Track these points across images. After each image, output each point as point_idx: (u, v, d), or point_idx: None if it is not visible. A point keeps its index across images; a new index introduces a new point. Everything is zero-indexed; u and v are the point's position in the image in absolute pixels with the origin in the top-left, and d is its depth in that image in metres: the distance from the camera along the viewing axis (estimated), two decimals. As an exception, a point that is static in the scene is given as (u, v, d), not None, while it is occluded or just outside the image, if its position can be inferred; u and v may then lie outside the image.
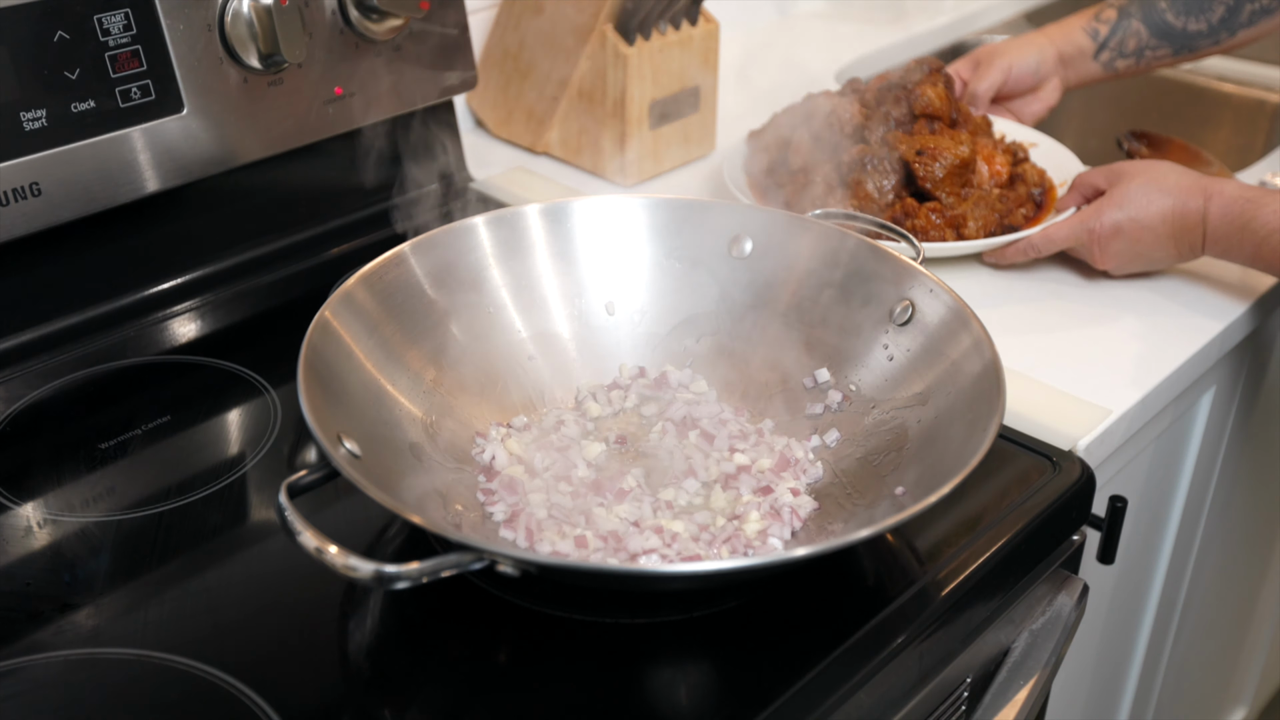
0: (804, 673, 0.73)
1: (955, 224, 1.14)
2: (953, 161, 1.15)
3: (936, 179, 1.16)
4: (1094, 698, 1.39)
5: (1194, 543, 1.41)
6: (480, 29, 1.38)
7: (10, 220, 0.95)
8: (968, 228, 1.14)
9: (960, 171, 1.16)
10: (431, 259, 0.93)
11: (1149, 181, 1.09)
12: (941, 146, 1.16)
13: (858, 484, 0.85)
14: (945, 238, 1.14)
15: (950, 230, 1.14)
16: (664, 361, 0.98)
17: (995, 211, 1.15)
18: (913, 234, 1.07)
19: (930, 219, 1.14)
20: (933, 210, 1.15)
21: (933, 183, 1.16)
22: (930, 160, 1.16)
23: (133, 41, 0.98)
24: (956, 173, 1.16)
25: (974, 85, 1.37)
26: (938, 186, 1.16)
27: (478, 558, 0.67)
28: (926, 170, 1.16)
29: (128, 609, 0.78)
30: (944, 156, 1.15)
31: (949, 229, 1.14)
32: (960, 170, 1.16)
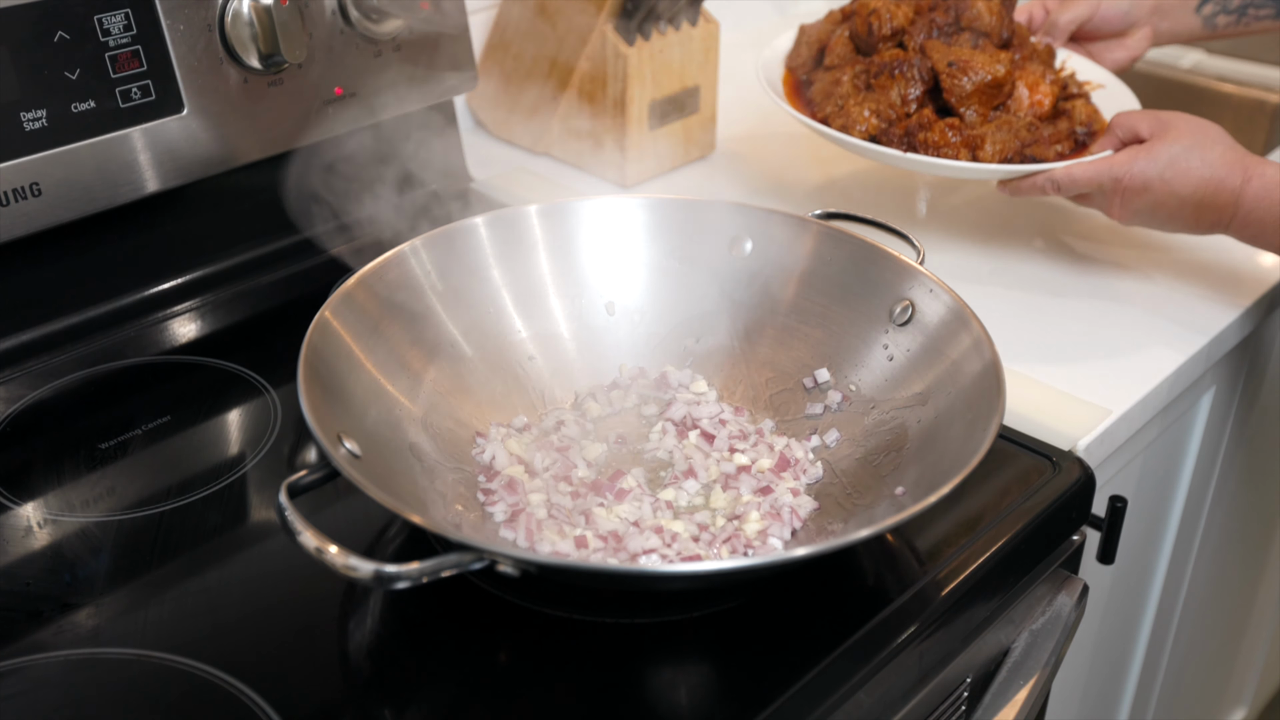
0: (804, 673, 0.73)
1: (972, 144, 1.08)
2: (984, 79, 1.08)
3: (963, 93, 1.09)
4: (1094, 698, 1.39)
5: (1194, 543, 1.41)
6: (480, 29, 1.38)
7: (10, 220, 0.95)
8: (984, 150, 1.07)
9: (991, 91, 1.09)
10: (431, 259, 0.93)
11: (1193, 145, 1.02)
12: (975, 61, 1.09)
13: (858, 484, 0.85)
14: (959, 157, 1.08)
15: (965, 150, 1.08)
16: (664, 361, 0.98)
17: (1019, 139, 1.07)
18: (924, 148, 1.07)
19: (946, 135, 1.08)
20: (951, 126, 1.08)
21: (958, 97, 1.09)
22: (960, 73, 1.08)
23: (133, 42, 0.98)
24: (986, 92, 1.09)
25: (1056, 14, 1.26)
26: (962, 102, 1.10)
27: (478, 558, 0.67)
28: (953, 83, 1.09)
29: (128, 609, 0.78)
30: (975, 72, 1.08)
31: (964, 148, 1.08)
32: (991, 90, 1.09)
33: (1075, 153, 1.11)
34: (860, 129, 1.09)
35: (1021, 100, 1.11)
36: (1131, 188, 1.04)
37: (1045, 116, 1.12)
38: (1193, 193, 1.03)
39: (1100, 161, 1.05)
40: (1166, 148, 1.03)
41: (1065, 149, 1.11)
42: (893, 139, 1.09)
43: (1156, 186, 1.03)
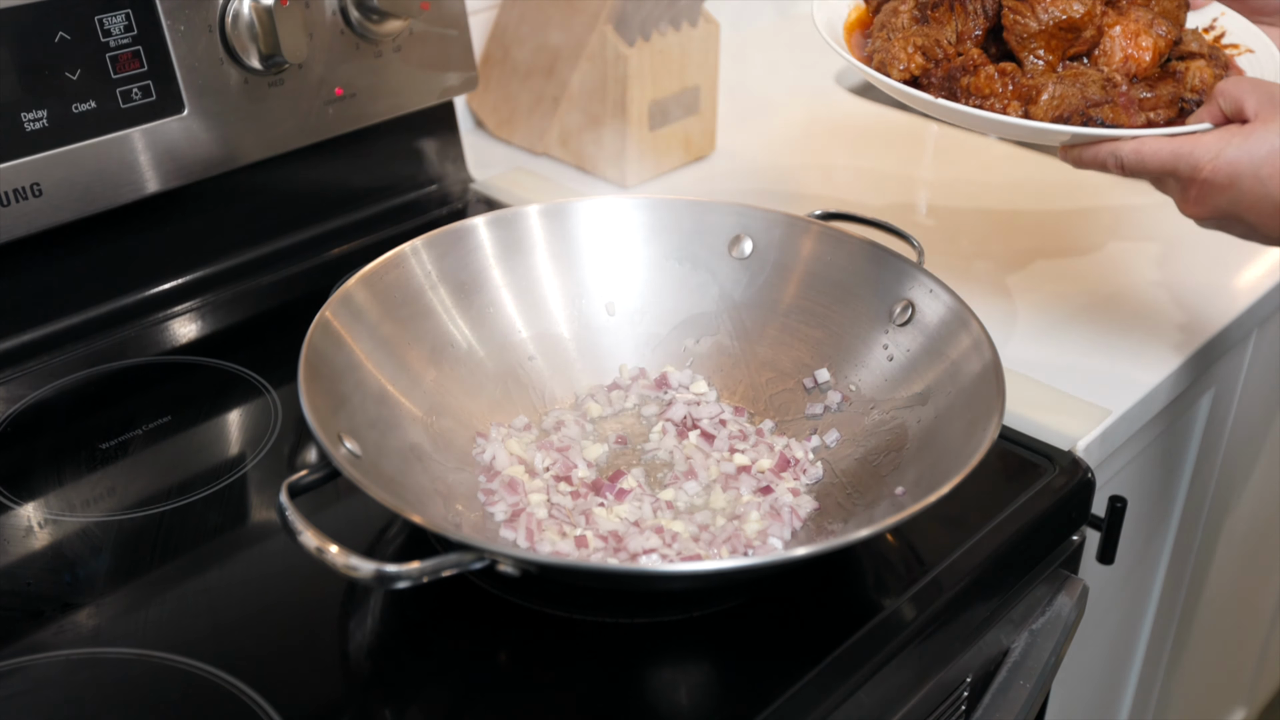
0: (804, 673, 0.73)
1: (1026, 96, 0.90)
2: (1056, 18, 0.90)
3: (1026, 33, 0.91)
4: (1094, 698, 1.39)
5: (1194, 543, 1.41)
6: (480, 29, 1.38)
7: (11, 220, 0.95)
8: (1038, 104, 0.89)
9: (1065, 35, 0.91)
10: (432, 259, 0.93)
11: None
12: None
13: (858, 484, 0.85)
14: (1008, 110, 0.90)
15: (1017, 102, 0.90)
16: (664, 362, 0.98)
17: (1085, 96, 0.89)
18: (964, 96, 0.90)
19: (993, 81, 0.90)
20: (1003, 72, 0.90)
21: (1018, 38, 0.91)
22: (1027, 10, 0.90)
23: (134, 42, 0.98)
24: (1058, 35, 0.91)
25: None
26: (1023, 45, 0.91)
27: (478, 557, 0.67)
28: (1016, 20, 0.91)
29: (128, 609, 0.78)
30: (1048, 10, 0.90)
31: (1015, 100, 0.90)
32: (1065, 33, 0.91)
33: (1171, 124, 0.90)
34: (900, 68, 0.92)
35: (1112, 53, 0.92)
36: (1214, 180, 0.82)
37: (1146, 75, 0.92)
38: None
39: (1181, 139, 0.84)
40: (1273, 135, 0.81)
41: (1161, 118, 0.91)
42: (933, 83, 0.92)
43: (1247, 183, 0.81)
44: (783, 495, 0.84)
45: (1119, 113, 0.89)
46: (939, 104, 0.89)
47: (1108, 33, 0.92)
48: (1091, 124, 0.88)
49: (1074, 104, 0.88)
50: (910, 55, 0.92)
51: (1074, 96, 0.88)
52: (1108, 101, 0.89)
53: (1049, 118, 0.88)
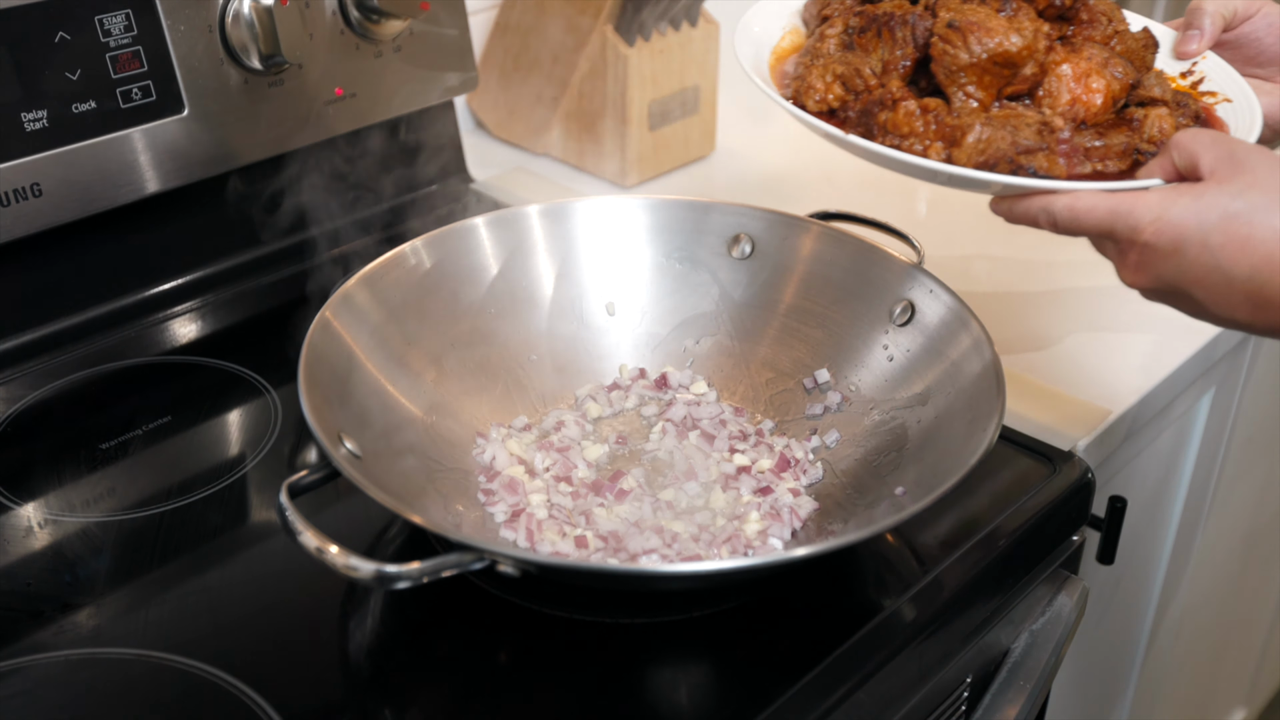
0: (804, 673, 0.73)
1: (949, 136, 0.78)
2: (991, 50, 0.78)
3: (955, 66, 0.79)
4: (1094, 698, 1.39)
5: (1194, 543, 1.41)
6: (480, 29, 1.38)
7: (11, 220, 0.95)
8: (962, 147, 0.77)
9: (1001, 71, 0.80)
10: (432, 259, 0.93)
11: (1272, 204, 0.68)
12: (987, 26, 0.79)
13: (858, 484, 0.85)
14: (929, 152, 0.78)
15: (940, 144, 0.79)
16: (664, 362, 0.98)
17: (1015, 142, 0.77)
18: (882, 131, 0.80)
19: (912, 119, 0.79)
20: (926, 109, 0.79)
21: (946, 71, 0.80)
22: (958, 40, 0.79)
23: (134, 42, 0.98)
24: (992, 71, 0.79)
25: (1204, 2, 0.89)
26: (951, 79, 0.80)
27: (478, 558, 0.67)
28: (945, 50, 0.79)
29: (128, 609, 0.78)
30: (981, 40, 0.78)
31: (938, 140, 0.79)
32: (1001, 69, 0.80)
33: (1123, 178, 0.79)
34: (816, 99, 0.82)
35: (1058, 94, 0.81)
36: (1156, 244, 0.71)
37: (1096, 121, 0.82)
38: (1249, 275, 0.68)
39: (1121, 196, 0.72)
40: (1225, 198, 0.69)
41: (1111, 169, 0.79)
42: (850, 117, 0.82)
43: (1193, 251, 0.69)
44: (783, 495, 0.84)
45: (1054, 162, 0.77)
46: (850, 140, 0.80)
47: (1054, 71, 0.81)
48: (1021, 173, 0.76)
49: (1002, 149, 0.77)
50: (828, 85, 0.83)
51: (1003, 141, 0.77)
52: (1042, 149, 0.77)
53: (972, 163, 0.77)
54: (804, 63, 0.86)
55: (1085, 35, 0.85)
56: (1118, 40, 0.85)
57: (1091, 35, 0.85)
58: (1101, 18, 0.86)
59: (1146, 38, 0.87)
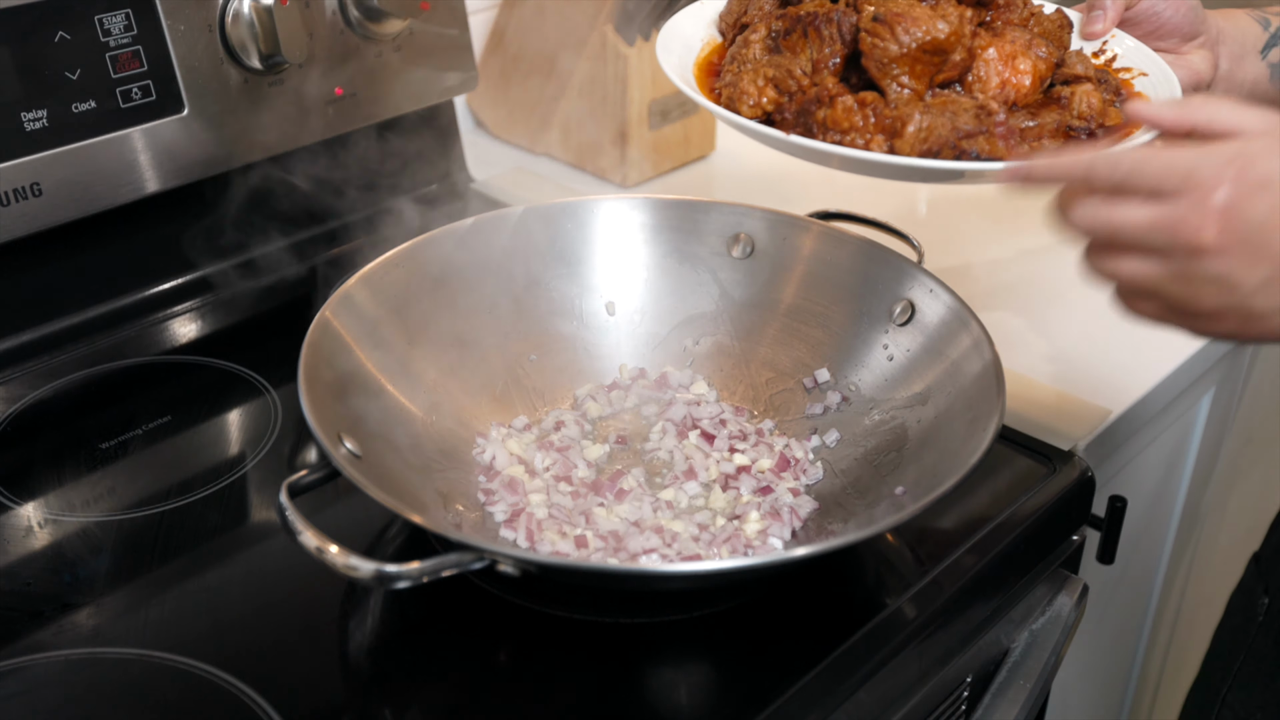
0: (804, 672, 0.73)
1: (889, 128, 0.78)
2: (919, 39, 0.78)
3: (886, 59, 0.79)
4: (1094, 698, 1.39)
5: (1194, 543, 1.41)
6: (480, 29, 1.38)
7: (10, 220, 0.95)
8: (904, 137, 0.77)
9: (931, 59, 0.80)
10: (431, 259, 0.93)
11: None
12: (912, 16, 0.79)
13: (858, 484, 0.85)
14: (870, 145, 0.78)
15: (880, 136, 0.79)
16: (664, 362, 0.98)
17: (956, 127, 0.77)
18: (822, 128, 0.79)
19: (851, 114, 0.78)
20: (863, 103, 0.79)
21: (878, 64, 0.79)
22: (885, 32, 0.79)
23: (133, 42, 0.98)
24: (922, 59, 0.79)
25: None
26: (884, 71, 0.80)
27: (478, 557, 0.67)
28: (874, 44, 0.79)
29: (128, 609, 0.78)
30: (909, 30, 0.78)
31: (879, 133, 0.78)
32: (931, 57, 0.79)
33: None
34: (750, 104, 0.82)
35: (987, 78, 0.82)
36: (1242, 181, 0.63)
37: (1027, 102, 0.83)
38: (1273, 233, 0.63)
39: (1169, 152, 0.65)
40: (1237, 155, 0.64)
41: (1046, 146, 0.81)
42: (787, 118, 0.81)
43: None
44: (783, 495, 0.84)
45: (995, 144, 0.77)
46: (793, 141, 0.79)
47: (981, 56, 0.82)
48: (965, 157, 0.77)
49: (944, 136, 0.77)
50: (761, 89, 0.82)
51: (943, 127, 0.77)
52: (982, 132, 0.77)
53: (916, 152, 0.77)
54: (731, 69, 0.85)
55: (1004, 19, 0.86)
56: (1034, 22, 0.86)
57: (1010, 19, 0.86)
58: (1017, 1, 0.86)
59: (1061, 18, 0.87)
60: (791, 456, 0.88)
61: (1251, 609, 1.08)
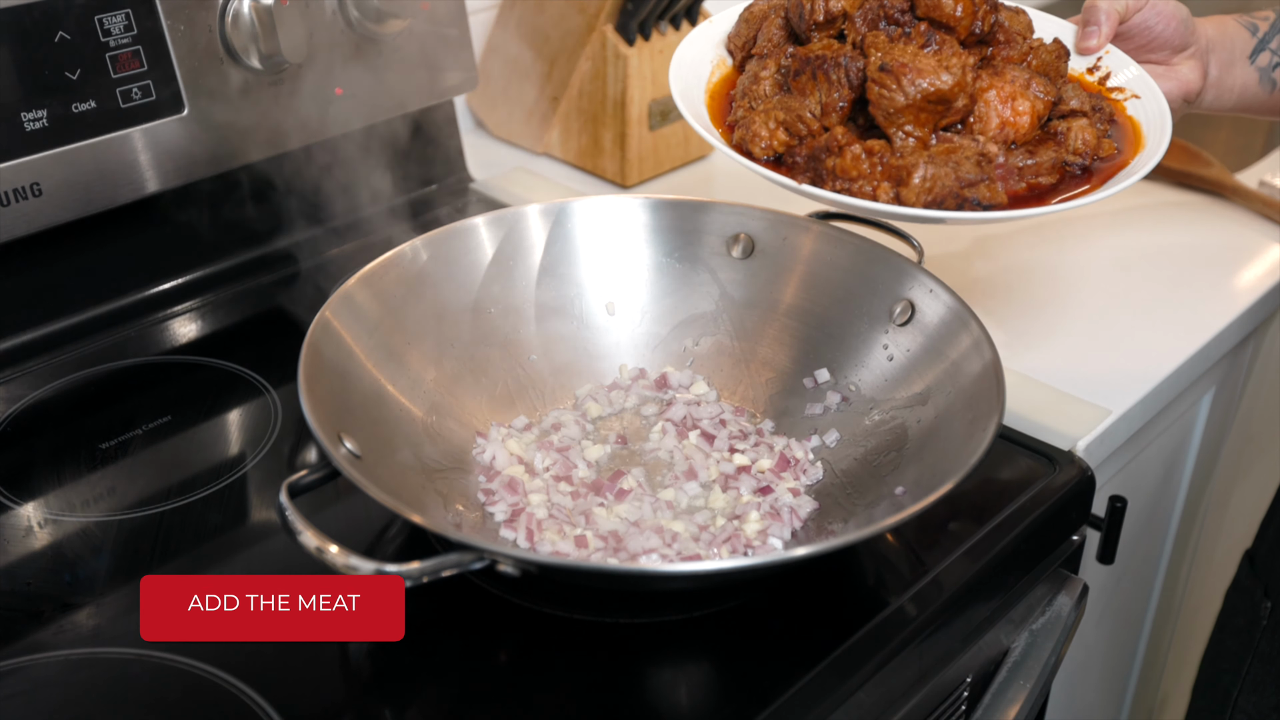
0: (804, 672, 0.73)
1: (895, 176, 0.81)
2: (925, 91, 0.80)
3: (892, 109, 0.81)
4: (1094, 698, 1.39)
5: (1194, 542, 1.41)
6: (480, 29, 1.38)
7: (10, 220, 0.95)
8: (909, 187, 0.80)
9: (935, 108, 0.82)
10: (431, 259, 0.93)
11: None
12: (917, 67, 0.81)
13: (858, 484, 0.85)
14: (878, 193, 0.80)
15: (887, 184, 0.81)
16: (664, 362, 0.98)
17: (959, 177, 0.80)
18: (831, 176, 0.82)
19: (859, 163, 0.81)
20: (870, 152, 0.81)
21: (885, 114, 0.82)
22: (892, 82, 0.81)
23: (134, 42, 0.98)
24: (927, 109, 0.82)
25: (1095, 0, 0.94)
26: (890, 121, 0.82)
27: (478, 557, 0.67)
28: (881, 94, 0.81)
29: (128, 609, 0.78)
30: (914, 82, 0.80)
31: (885, 181, 0.81)
32: (935, 106, 0.82)
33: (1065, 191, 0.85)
34: (762, 146, 0.84)
35: (988, 119, 0.84)
36: None
37: (1024, 140, 0.86)
38: None
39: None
40: None
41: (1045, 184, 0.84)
42: (798, 162, 0.84)
43: None
44: (783, 495, 0.84)
45: (995, 190, 0.81)
46: (805, 190, 0.81)
47: (982, 98, 0.84)
48: (968, 206, 0.80)
49: (948, 186, 0.80)
50: (772, 131, 0.84)
51: (947, 178, 0.80)
52: (983, 180, 0.81)
53: (921, 202, 0.79)
54: (743, 105, 0.87)
55: (1004, 56, 0.88)
56: (1033, 56, 0.88)
57: (1010, 56, 0.88)
58: (1017, 37, 0.88)
59: (1059, 48, 0.89)
60: (791, 456, 0.88)
61: (1253, 611, 1.09)
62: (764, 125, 0.84)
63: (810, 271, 0.96)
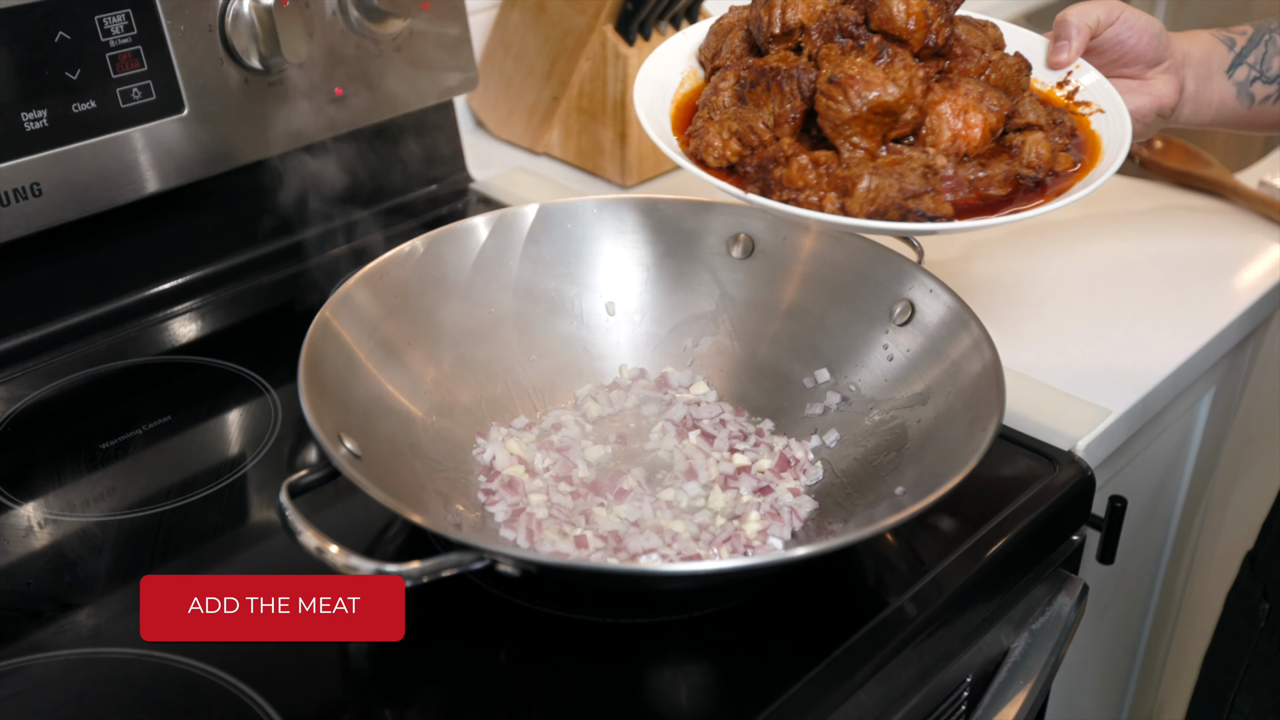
0: (804, 672, 0.73)
1: (841, 187, 0.81)
2: (871, 102, 0.81)
3: (839, 120, 0.82)
4: (1094, 698, 1.39)
5: (1194, 543, 1.41)
6: (480, 29, 1.38)
7: (10, 220, 0.95)
8: (854, 197, 0.80)
9: (883, 120, 0.83)
10: (431, 259, 0.93)
11: None
12: (864, 79, 0.81)
13: (858, 484, 0.85)
14: (824, 203, 0.81)
15: (834, 194, 0.82)
16: (664, 362, 0.98)
17: (902, 188, 0.80)
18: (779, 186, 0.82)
19: (805, 173, 0.81)
20: (817, 162, 0.82)
21: (832, 125, 0.82)
22: (839, 94, 0.81)
23: (133, 42, 0.98)
24: (874, 120, 0.82)
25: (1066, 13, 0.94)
26: (838, 132, 0.82)
27: (478, 557, 0.67)
28: (829, 105, 0.82)
29: (128, 609, 0.78)
30: (861, 93, 0.81)
31: (832, 191, 0.81)
32: (883, 118, 0.82)
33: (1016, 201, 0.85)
34: (715, 156, 0.85)
35: (940, 131, 0.85)
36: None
37: (977, 153, 0.86)
38: None
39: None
40: None
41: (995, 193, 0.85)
42: (748, 173, 0.84)
43: None
44: (783, 495, 0.84)
45: (940, 202, 0.81)
46: (752, 199, 0.82)
47: (934, 111, 0.85)
48: (911, 217, 0.81)
49: (891, 197, 0.80)
50: (725, 141, 0.85)
51: (891, 189, 0.80)
52: (928, 191, 0.81)
53: (864, 212, 0.80)
54: (702, 116, 0.88)
55: (961, 69, 0.88)
56: (991, 69, 0.88)
57: (966, 69, 0.88)
58: (974, 50, 0.88)
59: (1019, 62, 0.89)
60: (791, 456, 0.88)
61: (1252, 613, 1.09)
62: (717, 135, 0.85)
63: (810, 271, 0.96)
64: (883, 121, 0.83)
